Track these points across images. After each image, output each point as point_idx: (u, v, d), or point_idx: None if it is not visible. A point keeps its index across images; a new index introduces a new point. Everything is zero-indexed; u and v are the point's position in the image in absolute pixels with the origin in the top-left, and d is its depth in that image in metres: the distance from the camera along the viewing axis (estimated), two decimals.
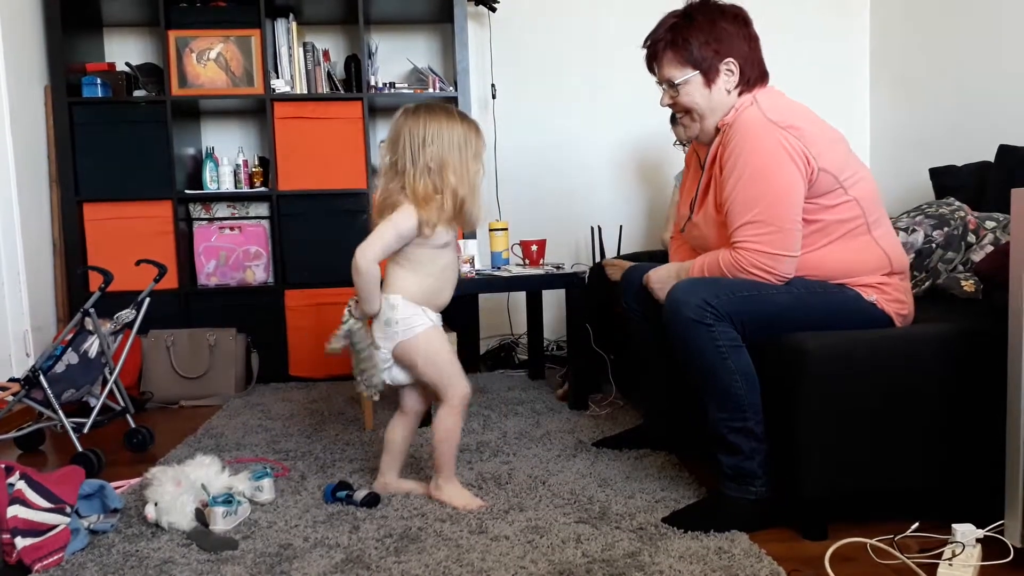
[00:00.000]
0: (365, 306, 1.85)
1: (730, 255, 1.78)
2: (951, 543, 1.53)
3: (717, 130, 1.89)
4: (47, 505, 1.68)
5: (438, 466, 1.95)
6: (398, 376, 1.94)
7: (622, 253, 3.63)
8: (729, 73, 1.85)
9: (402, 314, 1.86)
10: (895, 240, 1.89)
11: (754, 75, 1.87)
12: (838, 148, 1.81)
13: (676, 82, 1.87)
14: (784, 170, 1.74)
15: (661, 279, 1.98)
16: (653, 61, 1.93)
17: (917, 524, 1.64)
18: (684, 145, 3.06)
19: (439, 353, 1.89)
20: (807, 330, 1.71)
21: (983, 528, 1.55)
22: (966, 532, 1.53)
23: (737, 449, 1.74)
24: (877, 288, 1.82)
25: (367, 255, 1.80)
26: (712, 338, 1.70)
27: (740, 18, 1.87)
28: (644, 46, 1.95)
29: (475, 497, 1.93)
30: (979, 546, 1.53)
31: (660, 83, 1.94)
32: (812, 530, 1.71)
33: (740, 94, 1.86)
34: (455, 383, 1.90)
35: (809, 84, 2.73)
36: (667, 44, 1.87)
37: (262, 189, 3.54)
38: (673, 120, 3.06)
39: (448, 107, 1.88)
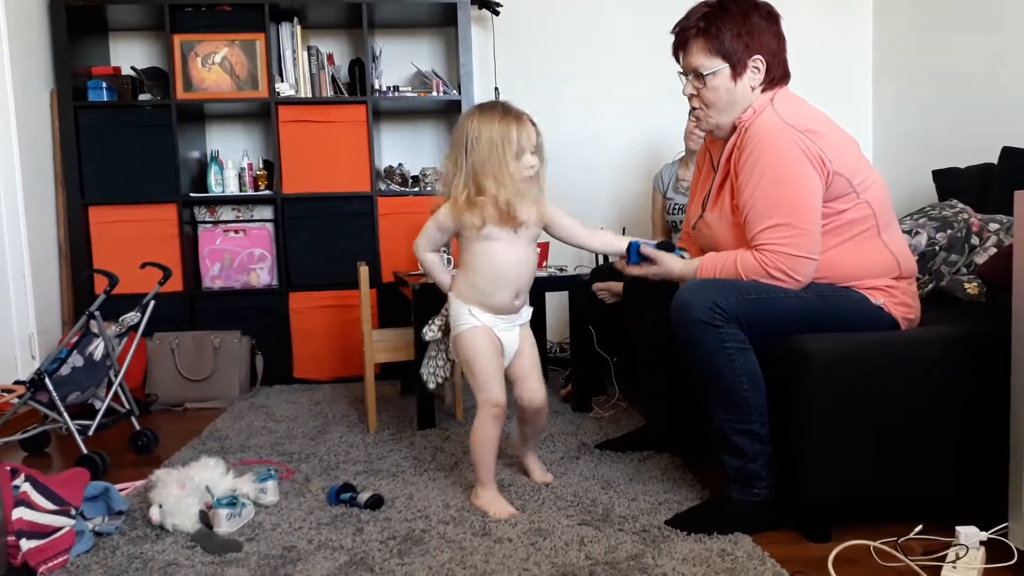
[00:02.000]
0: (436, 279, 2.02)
1: (752, 256, 1.76)
2: (955, 546, 1.53)
3: (733, 127, 1.88)
4: (52, 507, 1.69)
5: (476, 474, 1.97)
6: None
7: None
8: (756, 70, 1.83)
9: (452, 311, 1.95)
10: (904, 244, 1.88)
11: (778, 74, 1.86)
12: (852, 152, 1.81)
13: (704, 73, 1.84)
14: (805, 173, 1.73)
15: (669, 267, 1.92)
16: (680, 49, 1.90)
17: (921, 526, 1.64)
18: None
19: (473, 357, 1.90)
20: (814, 333, 1.71)
21: (987, 531, 1.54)
22: (970, 535, 1.53)
23: (741, 451, 1.74)
24: (885, 291, 1.81)
25: (416, 245, 1.97)
26: (720, 340, 1.70)
27: (772, 15, 1.86)
28: (673, 32, 1.91)
29: (509, 505, 1.90)
30: (983, 549, 1.53)
31: (685, 72, 1.91)
32: (816, 532, 1.71)
33: (762, 91, 1.85)
34: (484, 389, 1.90)
35: (812, 85, 2.73)
36: (699, 32, 1.84)
37: (267, 192, 3.55)
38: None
39: (496, 104, 1.88)
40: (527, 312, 2.01)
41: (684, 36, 1.88)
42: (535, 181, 1.90)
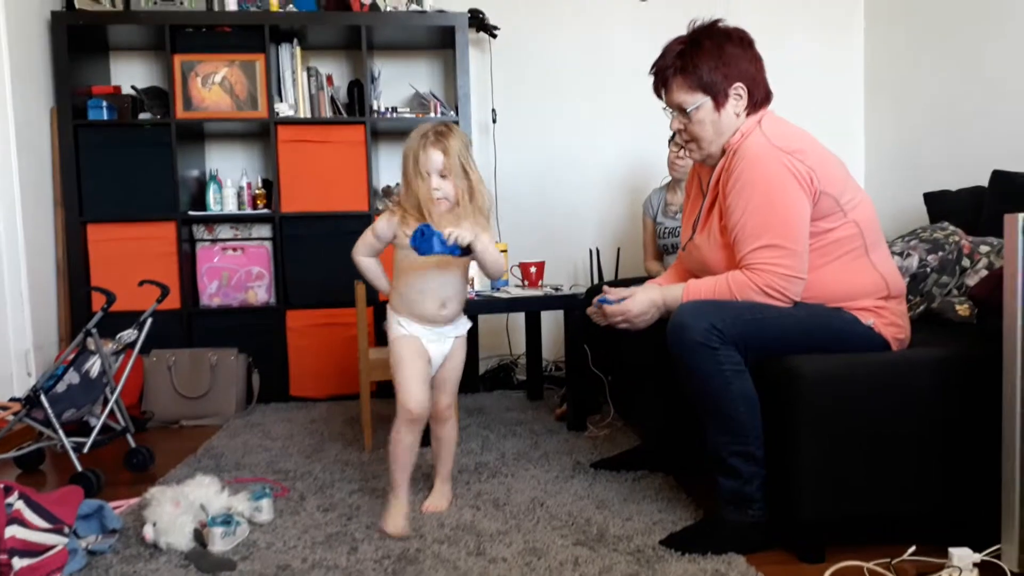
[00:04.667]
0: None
1: (744, 276, 1.78)
2: (948, 567, 1.54)
3: (722, 151, 1.90)
4: (45, 525, 1.69)
5: None
6: None
7: (619, 277, 3.65)
8: (738, 97, 1.87)
9: (388, 321, 2.01)
10: (892, 264, 1.90)
11: (760, 96, 1.89)
12: (839, 172, 1.84)
13: (688, 109, 1.88)
14: (793, 195, 1.76)
15: (642, 309, 1.90)
16: (662, 87, 1.94)
17: (914, 548, 1.64)
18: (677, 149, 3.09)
19: (395, 363, 1.95)
20: (807, 353, 1.72)
21: (980, 552, 1.55)
22: (963, 556, 1.54)
23: (737, 473, 1.75)
24: (874, 312, 1.83)
25: (354, 250, 2.03)
26: (717, 362, 1.71)
27: (745, 40, 1.89)
28: (651, 72, 1.95)
29: (401, 522, 1.89)
30: (976, 571, 1.54)
31: (670, 109, 1.95)
32: (809, 553, 1.71)
33: (747, 116, 1.88)
34: (400, 394, 1.93)
35: (804, 108, 2.78)
36: (676, 71, 1.88)
37: (265, 211, 3.56)
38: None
39: (431, 125, 1.95)
40: (462, 324, 2.04)
41: (663, 76, 1.92)
42: (474, 205, 1.92)
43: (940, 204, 2.88)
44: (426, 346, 1.96)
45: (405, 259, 1.94)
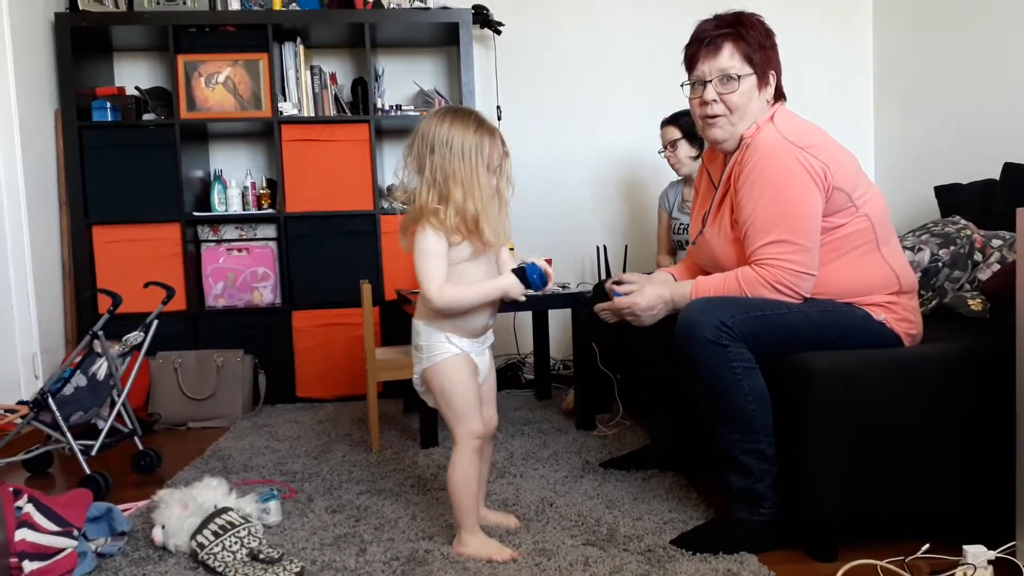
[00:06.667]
0: (493, 297, 1.74)
1: (753, 272, 1.76)
2: (962, 565, 1.53)
3: (737, 143, 1.88)
4: (55, 528, 1.69)
5: (457, 519, 1.77)
6: (430, 402, 1.84)
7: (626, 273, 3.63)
8: (769, 85, 1.86)
9: (424, 340, 1.76)
10: (904, 259, 1.88)
11: (780, 92, 1.89)
12: (851, 166, 1.82)
13: (739, 75, 1.80)
14: (806, 190, 1.74)
15: (650, 303, 1.88)
16: (708, 53, 1.83)
17: (928, 546, 1.62)
18: (667, 150, 3.07)
19: (454, 387, 1.74)
20: (818, 350, 1.71)
21: (995, 550, 1.54)
22: (977, 554, 1.52)
23: (748, 471, 1.73)
24: (886, 308, 1.81)
25: (431, 292, 1.68)
26: (727, 359, 1.69)
27: (772, 33, 1.89)
28: (695, 39, 1.87)
29: (504, 546, 1.75)
30: (991, 568, 1.52)
31: (706, 78, 1.84)
32: (822, 551, 1.70)
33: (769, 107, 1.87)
34: (464, 422, 1.74)
35: (814, 103, 2.77)
36: (732, 37, 1.82)
37: (270, 211, 3.56)
38: (665, 123, 3.07)
39: (470, 112, 1.75)
40: (490, 334, 1.86)
41: (714, 42, 1.83)
42: (502, 207, 1.77)
43: (951, 197, 2.85)
44: (475, 360, 1.79)
45: (461, 274, 1.72)
